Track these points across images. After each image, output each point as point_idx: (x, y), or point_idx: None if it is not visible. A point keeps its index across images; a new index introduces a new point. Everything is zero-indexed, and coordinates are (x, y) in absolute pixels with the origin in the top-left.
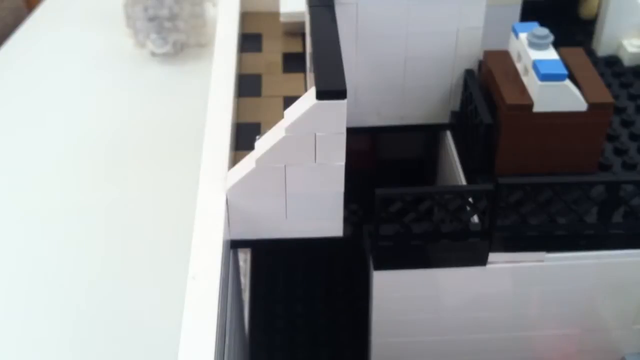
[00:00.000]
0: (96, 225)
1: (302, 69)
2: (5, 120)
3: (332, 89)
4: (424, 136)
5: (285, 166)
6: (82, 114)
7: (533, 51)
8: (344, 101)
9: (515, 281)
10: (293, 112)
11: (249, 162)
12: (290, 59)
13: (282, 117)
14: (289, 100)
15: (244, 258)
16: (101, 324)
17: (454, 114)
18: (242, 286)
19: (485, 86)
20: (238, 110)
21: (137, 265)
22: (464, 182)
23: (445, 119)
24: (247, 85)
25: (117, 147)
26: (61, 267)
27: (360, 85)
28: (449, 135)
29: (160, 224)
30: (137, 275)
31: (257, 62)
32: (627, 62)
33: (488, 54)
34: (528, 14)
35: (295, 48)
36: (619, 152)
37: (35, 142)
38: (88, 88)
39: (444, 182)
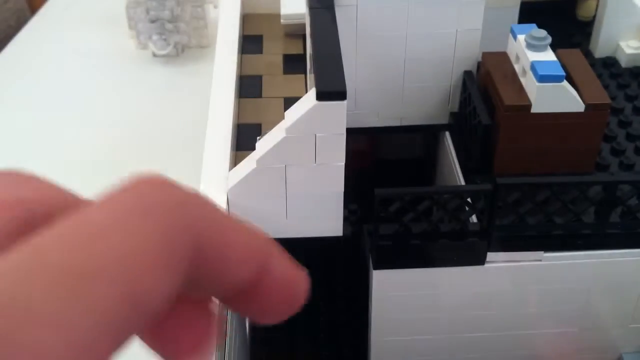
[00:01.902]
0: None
1: (302, 70)
2: (8, 121)
3: (332, 90)
4: (423, 137)
5: (285, 166)
6: (84, 114)
7: (531, 52)
8: (344, 102)
9: (513, 280)
10: (293, 113)
11: (249, 162)
12: (290, 61)
13: (282, 117)
14: (289, 101)
15: None
16: None
17: (452, 114)
18: None
19: (484, 87)
20: (239, 111)
21: None
22: (462, 182)
23: (444, 119)
24: (248, 87)
25: (119, 147)
26: None
27: (360, 87)
28: (447, 135)
29: None
30: None
31: (258, 64)
32: (624, 63)
33: (486, 56)
34: (526, 16)
35: (295, 49)
36: (616, 152)
37: (37, 142)
38: (90, 89)
39: (442, 182)
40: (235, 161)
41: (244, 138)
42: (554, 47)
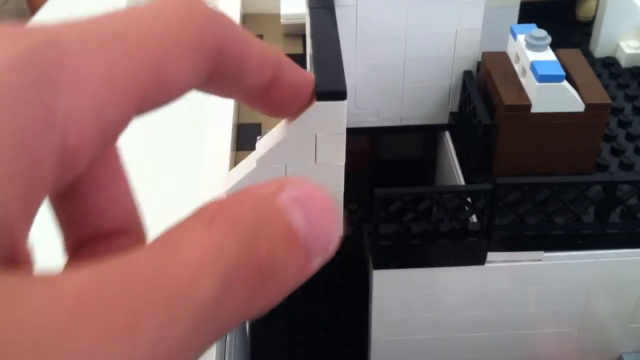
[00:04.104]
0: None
1: None
2: None
3: (332, 89)
4: (423, 136)
5: (285, 166)
6: None
7: (531, 52)
8: (344, 102)
9: (513, 280)
10: None
11: (250, 162)
12: None
13: None
14: None
15: None
16: None
17: (452, 114)
18: None
19: (484, 87)
20: (239, 111)
21: None
22: (462, 182)
23: (444, 119)
24: None
25: (118, 147)
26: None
27: (360, 86)
28: (447, 135)
29: (162, 224)
30: None
31: None
32: (624, 63)
33: (486, 55)
34: (526, 16)
35: (295, 49)
36: (616, 152)
37: None
38: None
39: (442, 182)
40: (235, 161)
41: (244, 138)
42: (554, 47)
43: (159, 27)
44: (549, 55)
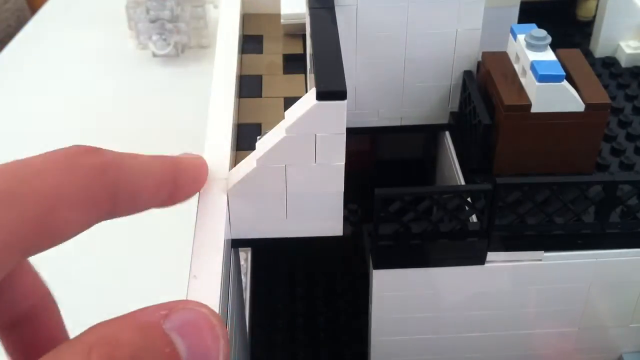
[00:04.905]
0: (96, 224)
1: (302, 70)
2: (9, 121)
3: (332, 89)
4: (423, 137)
5: (285, 166)
6: (84, 114)
7: (531, 52)
8: (344, 102)
9: (513, 280)
10: (293, 113)
11: (250, 162)
12: (290, 60)
13: (282, 117)
14: (289, 101)
15: (245, 257)
16: None
17: (452, 114)
18: (243, 285)
19: (484, 87)
20: (239, 111)
21: (137, 265)
22: (462, 182)
23: (444, 119)
24: (248, 86)
25: (119, 147)
26: (61, 266)
27: (360, 86)
28: (447, 135)
29: (162, 223)
30: (137, 275)
31: (258, 63)
32: (624, 63)
33: (486, 55)
34: (526, 16)
35: (295, 49)
36: (616, 152)
37: (37, 142)
38: (90, 89)
39: (442, 182)
40: (235, 161)
41: (244, 138)
42: (554, 47)
43: (51, 181)
44: (549, 55)
